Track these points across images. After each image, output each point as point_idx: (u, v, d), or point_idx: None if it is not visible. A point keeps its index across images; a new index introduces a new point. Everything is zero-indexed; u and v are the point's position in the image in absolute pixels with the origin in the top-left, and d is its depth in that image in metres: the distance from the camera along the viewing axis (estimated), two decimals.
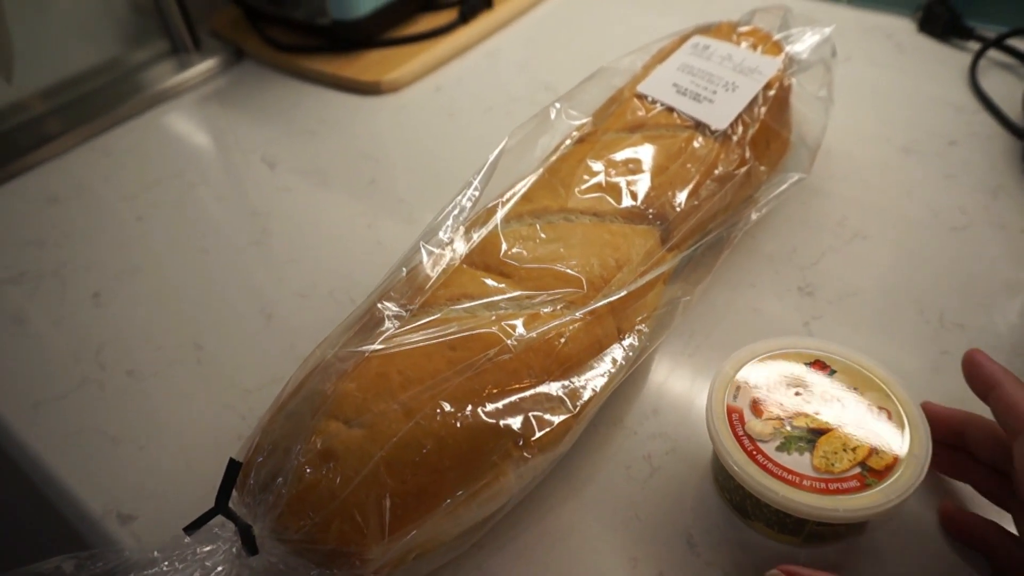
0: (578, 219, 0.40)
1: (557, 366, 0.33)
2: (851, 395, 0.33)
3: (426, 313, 0.34)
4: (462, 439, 0.30)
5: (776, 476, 0.31)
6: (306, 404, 0.31)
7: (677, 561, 0.34)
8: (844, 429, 0.32)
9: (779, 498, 0.30)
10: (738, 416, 0.33)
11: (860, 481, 0.30)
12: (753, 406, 0.33)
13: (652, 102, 0.47)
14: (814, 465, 0.31)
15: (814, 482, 0.30)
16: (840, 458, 0.31)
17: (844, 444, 0.31)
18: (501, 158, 0.42)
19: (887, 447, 0.31)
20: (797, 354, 0.35)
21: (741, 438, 0.32)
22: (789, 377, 0.34)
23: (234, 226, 0.55)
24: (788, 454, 0.31)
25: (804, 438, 0.32)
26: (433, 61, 0.70)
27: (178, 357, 0.45)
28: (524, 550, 0.35)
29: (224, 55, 0.73)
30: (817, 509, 0.30)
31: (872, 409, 0.33)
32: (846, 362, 0.35)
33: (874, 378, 0.34)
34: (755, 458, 0.31)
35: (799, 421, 0.32)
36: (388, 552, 0.29)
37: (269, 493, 0.29)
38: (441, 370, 0.31)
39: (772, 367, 0.35)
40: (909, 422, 0.32)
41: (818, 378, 0.34)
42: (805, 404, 0.33)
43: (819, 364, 0.35)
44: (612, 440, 0.39)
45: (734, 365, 0.35)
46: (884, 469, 0.31)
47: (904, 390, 0.33)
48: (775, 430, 0.32)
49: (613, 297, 0.36)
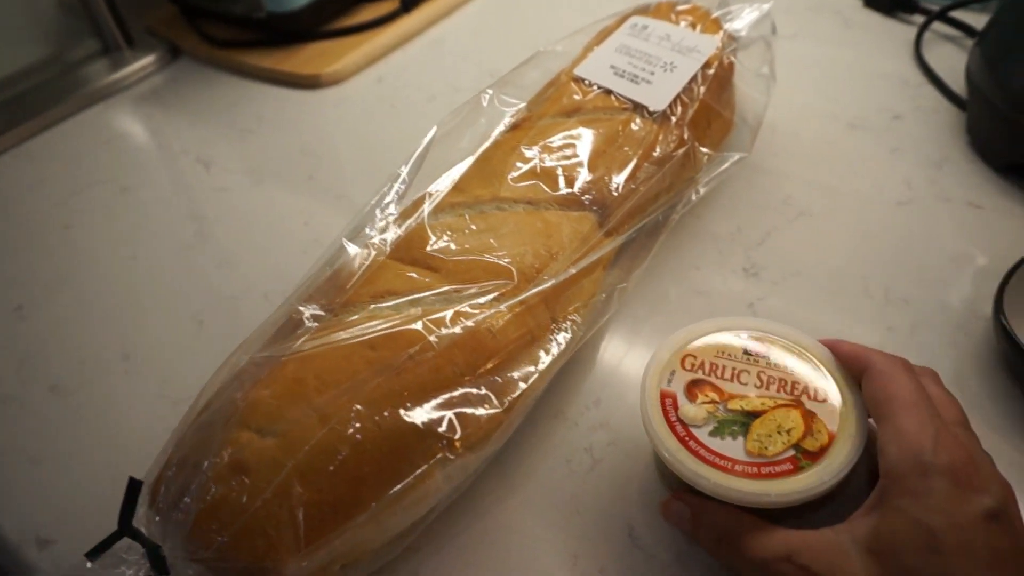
0: (511, 208, 0.39)
1: (484, 361, 0.32)
2: (788, 376, 0.32)
3: (348, 312, 0.33)
4: (381, 443, 0.29)
5: (707, 462, 0.30)
6: (218, 414, 0.30)
7: (619, 555, 0.33)
8: (779, 411, 0.31)
9: (710, 485, 0.29)
10: (672, 401, 0.32)
11: (793, 464, 0.29)
12: (688, 390, 0.32)
13: (589, 85, 0.46)
14: (747, 449, 0.30)
15: (746, 467, 0.30)
16: (774, 441, 0.30)
17: (778, 426, 0.31)
18: (431, 148, 0.41)
19: (822, 428, 0.31)
20: (735, 334, 0.34)
21: (674, 424, 0.31)
22: (725, 359, 0.33)
23: (166, 230, 0.53)
24: (721, 439, 0.30)
25: (738, 422, 0.31)
26: (375, 52, 0.68)
27: (104, 370, 0.43)
28: (462, 551, 0.34)
29: (159, 53, 0.70)
30: (748, 495, 0.29)
31: (809, 389, 0.32)
32: (784, 341, 0.34)
33: (812, 357, 0.33)
34: (687, 444, 0.30)
35: (734, 404, 0.32)
36: (306, 565, 0.27)
37: (178, 510, 0.27)
38: (360, 371, 0.30)
39: (708, 349, 0.33)
40: (844, 401, 0.31)
41: (755, 359, 0.33)
42: (740, 386, 0.32)
43: (757, 344, 0.34)
44: (553, 433, 0.38)
45: (669, 349, 0.34)
46: (819, 450, 0.30)
47: (840, 369, 0.33)
48: (709, 414, 0.31)
49: (545, 286, 0.34)
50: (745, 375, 0.32)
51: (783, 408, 0.31)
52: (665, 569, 0.33)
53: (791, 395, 0.32)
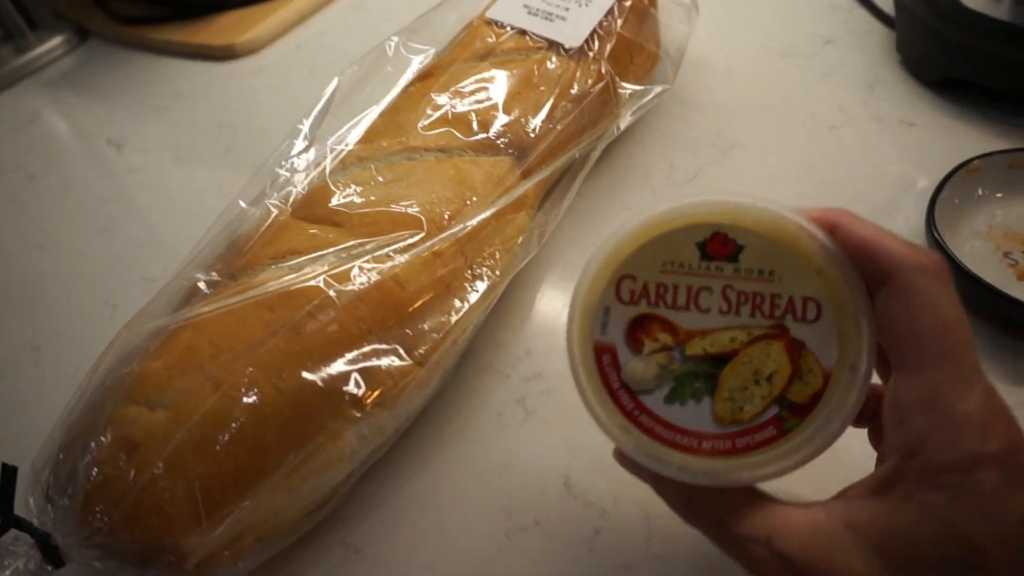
0: (422, 157, 0.37)
1: (393, 314, 0.30)
2: (764, 286, 0.23)
3: (247, 276, 0.31)
4: (282, 406, 0.27)
5: (667, 443, 0.23)
6: (108, 392, 0.28)
7: (554, 505, 0.32)
8: (755, 348, 0.23)
9: (674, 471, 0.23)
10: (611, 359, 0.24)
11: (778, 427, 0.22)
12: (630, 335, 0.23)
13: (502, 27, 0.44)
14: (716, 415, 0.23)
15: (716, 441, 0.23)
16: (750, 396, 0.23)
17: (755, 372, 0.23)
18: (333, 101, 0.39)
19: (813, 364, 0.22)
20: (686, 229, 0.23)
21: (617, 393, 0.23)
22: (676, 272, 0.23)
23: (76, 216, 0.50)
24: (682, 404, 0.23)
25: (701, 374, 0.23)
26: (291, 18, 0.65)
27: (12, 363, 0.41)
28: (391, 515, 0.32)
29: (66, 35, 0.67)
30: (722, 479, 0.23)
31: (795, 303, 0.23)
32: (757, 226, 0.23)
33: (799, 250, 0.23)
34: (637, 421, 0.23)
35: (694, 346, 0.23)
36: (210, 540, 0.26)
37: (66, 496, 0.26)
38: (257, 334, 0.28)
39: (651, 260, 0.24)
40: (843, 312, 0.22)
41: (718, 264, 0.23)
42: (700, 315, 0.23)
43: (719, 240, 0.23)
44: (482, 387, 0.37)
45: (597, 272, 0.24)
46: (810, 400, 0.22)
47: (839, 263, 0.23)
48: (661, 369, 0.23)
49: (453, 231, 0.33)
50: (706, 294, 0.23)
51: (761, 343, 0.23)
52: (603, 516, 0.32)
53: (770, 317, 0.23)
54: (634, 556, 0.30)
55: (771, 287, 0.23)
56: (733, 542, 0.22)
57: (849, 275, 0.22)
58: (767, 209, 0.23)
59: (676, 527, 0.30)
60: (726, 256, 0.23)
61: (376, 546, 0.31)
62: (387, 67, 0.41)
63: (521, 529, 0.31)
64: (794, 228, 0.23)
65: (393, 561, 0.31)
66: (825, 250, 0.22)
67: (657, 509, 0.31)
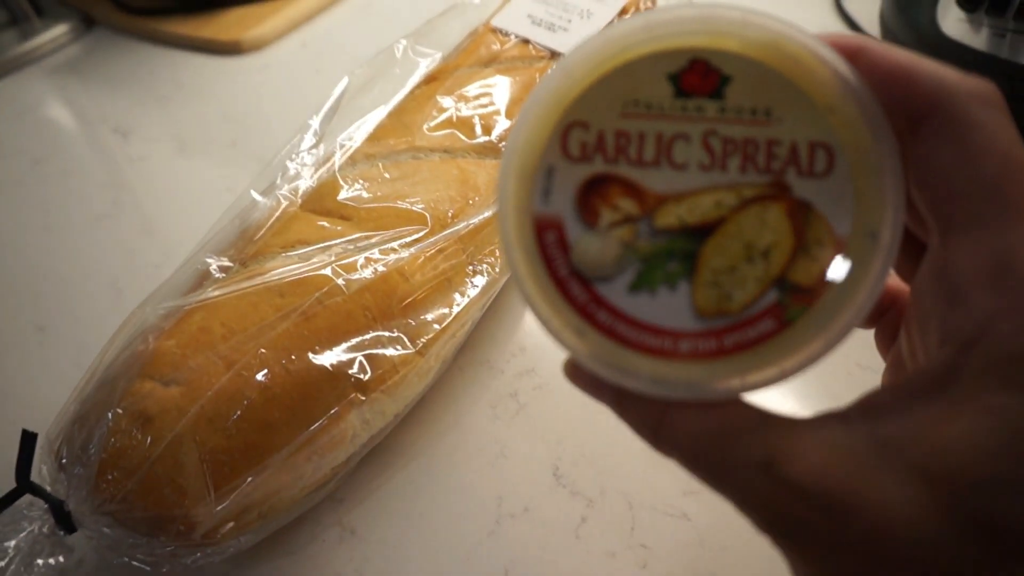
0: (427, 157, 0.38)
1: (397, 305, 0.32)
2: (758, 130, 0.17)
3: (257, 263, 0.32)
4: (290, 387, 0.28)
5: (633, 345, 0.17)
6: (122, 368, 0.29)
7: (543, 493, 0.34)
8: (746, 214, 0.17)
9: (643, 384, 0.17)
10: (556, 235, 0.18)
11: (777, 317, 0.17)
12: (582, 202, 0.18)
13: (507, 35, 0.46)
14: (697, 305, 0.17)
15: (697, 339, 0.17)
16: (741, 278, 0.17)
17: (748, 246, 0.17)
18: (343, 99, 0.40)
19: (823, 232, 0.17)
20: (654, 56, 0.17)
21: (565, 281, 0.18)
22: (642, 115, 0.18)
23: (82, 201, 0.51)
24: (652, 293, 0.17)
25: (677, 252, 0.17)
26: (298, 16, 0.66)
27: (17, 342, 0.42)
28: (386, 500, 0.34)
29: (72, 23, 0.67)
30: (705, 389, 0.17)
31: (799, 150, 0.17)
32: (749, 49, 0.17)
33: (806, 80, 0.17)
34: (593, 318, 0.17)
35: (665, 216, 0.17)
36: (217, 512, 0.27)
37: (80, 464, 0.27)
38: (267, 317, 0.29)
39: (608, 98, 0.18)
40: (864, 165, 0.17)
41: (697, 104, 0.17)
42: (674, 172, 0.17)
43: (699, 70, 0.17)
44: (477, 381, 0.38)
45: (533, 130, 0.18)
46: (818, 280, 0.17)
47: (859, 96, 0.17)
48: (624, 247, 0.17)
49: (456, 228, 0.34)
50: (682, 144, 0.17)
51: (754, 207, 0.17)
52: (589, 505, 0.33)
53: (766, 171, 0.17)
54: (618, 543, 0.32)
55: (768, 131, 0.17)
56: (722, 473, 0.17)
57: (871, 112, 0.17)
58: (763, 26, 0.17)
59: (658, 517, 0.32)
60: (708, 92, 0.17)
61: (371, 528, 0.33)
62: (395, 69, 0.42)
63: (511, 515, 0.33)
64: (799, 50, 0.17)
65: (387, 542, 0.32)
66: (840, 79, 0.17)
67: (641, 498, 0.33)
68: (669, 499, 0.32)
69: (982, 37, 0.45)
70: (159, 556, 0.27)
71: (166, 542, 0.27)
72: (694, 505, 0.32)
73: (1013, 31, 0.43)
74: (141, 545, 0.27)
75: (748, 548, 0.31)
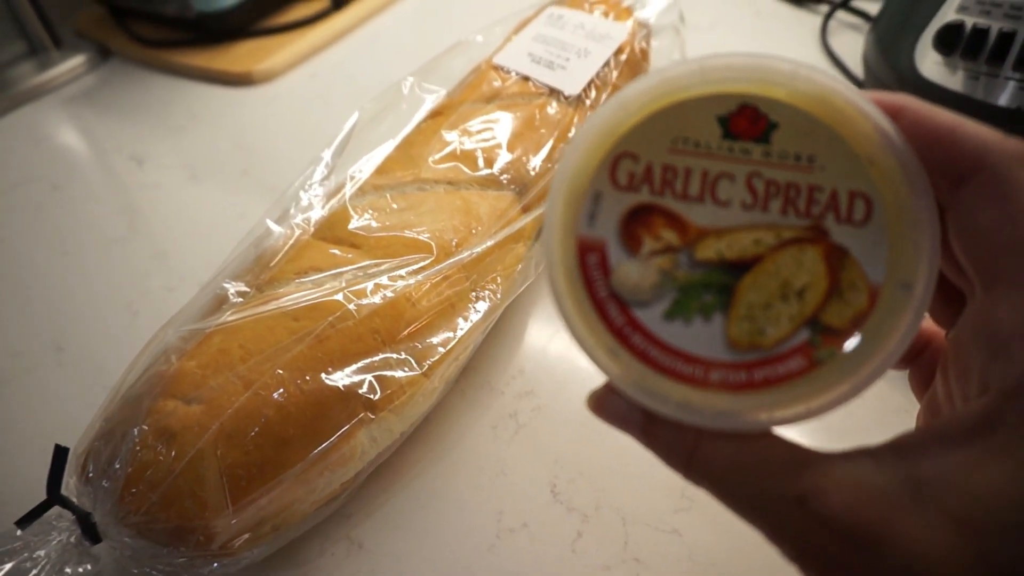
0: (432, 188, 0.41)
1: (404, 328, 0.33)
2: (802, 175, 0.18)
3: (272, 288, 0.34)
4: (304, 405, 0.30)
5: (665, 370, 0.18)
6: (145, 387, 0.31)
7: (541, 510, 0.35)
8: (784, 254, 0.18)
9: (672, 409, 0.18)
10: (598, 258, 0.19)
11: (807, 356, 0.18)
12: (626, 230, 0.19)
13: (508, 72, 0.48)
14: (730, 337, 0.18)
15: (728, 371, 0.18)
16: (775, 316, 0.18)
17: (784, 285, 0.18)
18: (354, 133, 0.42)
19: (858, 278, 0.18)
20: (706, 99, 0.19)
21: (603, 303, 0.19)
22: (690, 152, 0.19)
23: (98, 225, 0.53)
24: (686, 322, 0.18)
25: (714, 284, 0.18)
26: (307, 49, 0.69)
27: (36, 362, 0.44)
28: (391, 514, 0.35)
29: (89, 54, 0.70)
30: (734, 420, 0.18)
31: (839, 199, 0.18)
32: (797, 99, 0.18)
33: (849, 131, 0.18)
34: (627, 341, 0.18)
35: (705, 249, 0.18)
36: (234, 524, 0.29)
37: (107, 478, 0.28)
38: (283, 340, 0.31)
39: (659, 134, 0.19)
40: (900, 215, 0.18)
41: (744, 146, 0.18)
42: (717, 209, 0.18)
43: (748, 115, 0.19)
44: (479, 402, 0.40)
45: (585, 156, 0.19)
46: (850, 323, 0.18)
47: (898, 151, 0.18)
48: (663, 275, 0.18)
49: (460, 257, 0.36)
50: (726, 183, 0.18)
51: (792, 248, 0.18)
52: (585, 521, 0.35)
53: (806, 215, 0.18)
54: (612, 558, 0.33)
55: (810, 177, 0.18)
56: (755, 505, 0.17)
57: (910, 167, 0.18)
58: (811, 78, 0.18)
59: (650, 533, 0.34)
60: (755, 136, 0.18)
61: (378, 541, 0.34)
62: (402, 105, 0.45)
63: (510, 530, 0.35)
64: (844, 104, 0.18)
65: (393, 555, 0.34)
66: (882, 134, 0.18)
67: (634, 515, 0.35)
68: (661, 516, 0.34)
69: (958, 79, 0.47)
70: (178, 567, 0.29)
71: (185, 552, 0.28)
72: (685, 522, 0.34)
73: (986, 74, 0.45)
74: (162, 555, 0.29)
75: (735, 563, 0.33)
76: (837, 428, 0.35)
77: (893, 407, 0.35)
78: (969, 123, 0.18)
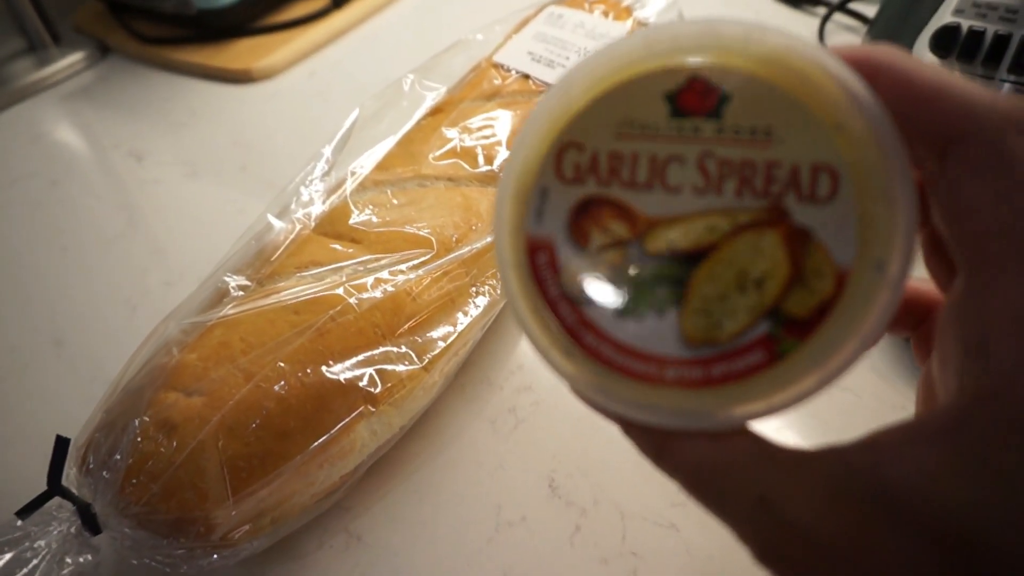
0: (432, 184, 0.41)
1: (404, 322, 0.34)
2: (758, 152, 0.16)
3: (273, 282, 0.34)
4: (305, 398, 0.30)
5: (619, 369, 0.17)
6: (146, 379, 0.31)
7: (539, 503, 0.35)
8: (740, 240, 0.17)
9: (628, 409, 0.17)
10: (548, 258, 0.18)
11: (769, 350, 0.16)
12: (574, 225, 0.18)
13: (508, 70, 0.48)
14: (685, 332, 0.17)
15: (684, 368, 0.17)
16: (732, 308, 0.17)
17: (740, 274, 0.17)
18: (354, 129, 0.43)
19: (823, 262, 0.16)
20: (651, 75, 0.17)
21: (555, 303, 0.18)
22: (637, 136, 0.17)
23: (97, 221, 0.53)
24: (639, 319, 0.17)
25: (666, 277, 0.17)
26: (307, 47, 0.69)
27: (36, 355, 0.44)
28: (390, 508, 0.35)
29: (88, 50, 0.70)
30: (690, 418, 0.17)
31: (800, 174, 0.16)
32: (751, 65, 0.17)
33: (812, 97, 0.16)
34: (581, 341, 0.17)
35: (656, 240, 0.17)
36: (235, 515, 0.29)
37: (107, 469, 0.28)
38: (284, 333, 0.31)
39: (604, 118, 0.17)
40: (866, 185, 0.16)
41: (694, 125, 0.17)
42: (667, 196, 0.17)
43: (697, 89, 0.17)
44: (478, 397, 0.40)
45: (530, 150, 0.18)
46: (815, 312, 0.16)
47: (869, 113, 0.16)
48: (613, 271, 0.17)
49: (460, 252, 0.36)
50: (676, 167, 0.17)
51: (749, 233, 0.17)
52: (583, 515, 0.35)
53: (763, 195, 0.17)
54: (610, 551, 0.34)
55: (767, 152, 0.16)
56: (720, 503, 0.17)
57: (882, 130, 0.15)
58: (764, 40, 0.16)
59: (648, 527, 0.34)
60: (706, 111, 0.17)
61: (376, 534, 0.34)
62: (403, 102, 0.45)
63: (509, 524, 0.35)
64: (804, 64, 0.16)
65: (391, 549, 0.34)
66: (850, 95, 0.16)
67: (632, 509, 0.35)
68: (658, 510, 0.34)
69: None
70: (177, 557, 0.29)
71: (185, 543, 0.28)
72: (682, 516, 0.34)
73: (982, 76, 0.46)
74: (161, 546, 0.29)
75: (732, 557, 0.33)
76: (836, 426, 0.35)
77: (889, 405, 0.36)
78: (958, 81, 0.15)
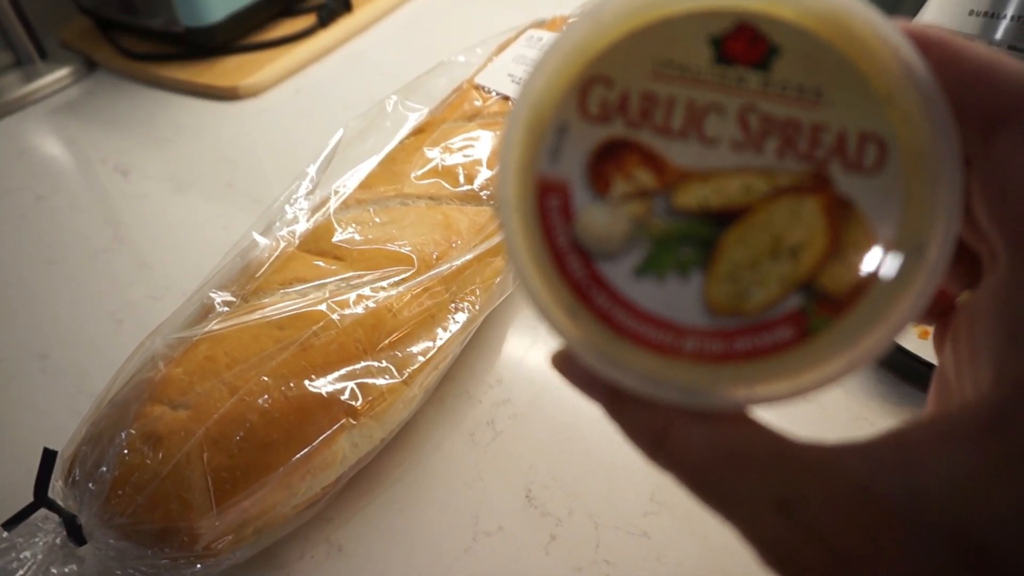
0: (414, 203, 0.42)
1: (385, 338, 0.35)
2: (804, 112, 0.15)
3: (258, 298, 0.35)
4: (288, 411, 0.31)
5: (630, 335, 0.15)
6: (132, 393, 0.32)
7: (516, 513, 0.37)
8: (778, 205, 0.15)
9: (635, 381, 0.15)
10: (560, 201, 0.16)
11: (798, 326, 0.15)
12: (594, 169, 0.16)
13: (488, 92, 0.50)
14: (709, 299, 0.15)
15: (705, 339, 0.15)
16: (763, 276, 0.15)
17: (775, 241, 0.15)
18: (338, 149, 0.44)
19: (862, 235, 0.15)
20: (697, 16, 0.16)
21: (563, 254, 0.16)
22: (675, 80, 0.16)
23: (83, 235, 0.54)
24: (659, 279, 0.15)
25: (693, 237, 0.15)
26: (293, 65, 0.70)
27: (21, 369, 0.44)
28: (371, 518, 0.36)
29: (75, 66, 0.71)
30: (705, 396, 0.15)
31: (848, 141, 0.15)
32: (806, 19, 0.15)
33: (865, 62, 0.15)
34: (590, 299, 0.16)
35: (687, 194, 0.15)
36: (219, 526, 0.29)
37: (93, 480, 0.29)
38: (267, 348, 0.32)
39: (637, 60, 0.16)
40: (914, 160, 0.15)
41: (739, 75, 0.16)
42: (702, 148, 0.15)
43: (745, 36, 0.16)
44: (457, 410, 0.41)
45: (550, 80, 0.16)
46: (851, 290, 0.15)
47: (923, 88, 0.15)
48: (634, 224, 0.16)
49: (440, 269, 0.38)
50: (715, 117, 0.16)
51: (788, 197, 0.15)
52: (558, 524, 0.36)
53: (807, 159, 0.15)
54: (584, 560, 0.35)
55: (814, 114, 0.15)
56: (730, 503, 0.15)
57: (935, 107, 0.15)
58: None
59: (621, 535, 0.35)
60: (753, 61, 0.15)
61: (357, 544, 0.35)
62: (386, 122, 0.46)
63: (486, 533, 0.36)
64: (862, 27, 0.15)
65: (372, 558, 0.35)
66: (904, 66, 0.15)
67: (605, 519, 0.36)
68: (631, 519, 0.36)
69: None
70: (161, 567, 0.30)
71: (169, 554, 0.29)
72: (654, 524, 0.35)
73: None
74: (146, 557, 0.29)
75: (702, 564, 0.34)
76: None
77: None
78: (1007, 60, 0.15)
